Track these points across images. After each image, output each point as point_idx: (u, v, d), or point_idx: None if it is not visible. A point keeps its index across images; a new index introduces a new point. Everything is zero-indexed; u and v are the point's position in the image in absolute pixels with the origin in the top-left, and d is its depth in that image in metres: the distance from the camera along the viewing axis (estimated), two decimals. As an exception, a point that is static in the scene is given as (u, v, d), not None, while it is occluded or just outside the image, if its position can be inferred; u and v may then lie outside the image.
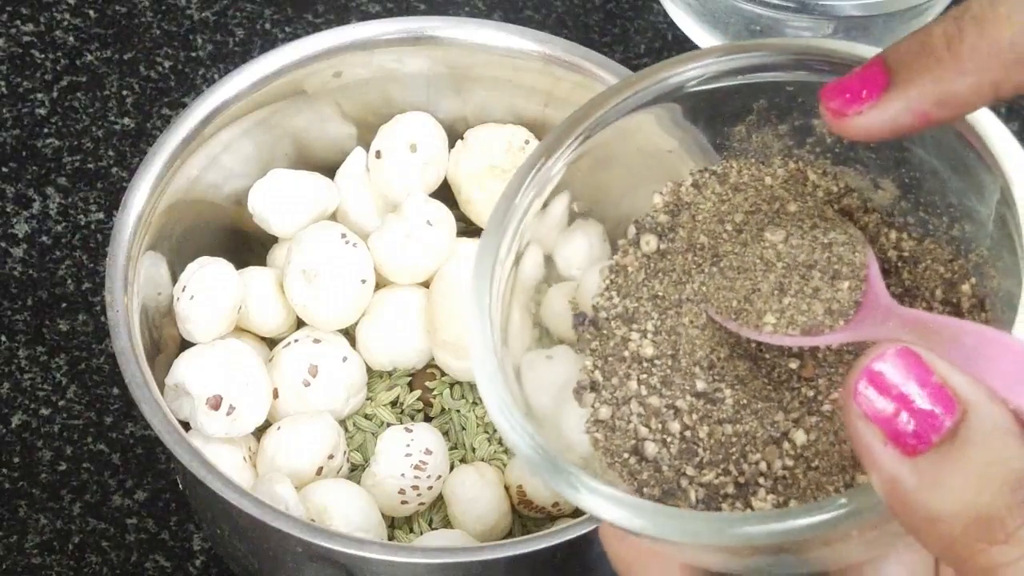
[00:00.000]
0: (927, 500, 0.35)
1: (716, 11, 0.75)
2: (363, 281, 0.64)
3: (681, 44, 0.79)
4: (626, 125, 0.47)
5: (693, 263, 0.46)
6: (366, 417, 0.65)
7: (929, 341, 0.39)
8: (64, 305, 0.72)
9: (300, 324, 0.66)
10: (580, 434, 0.46)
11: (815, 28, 0.75)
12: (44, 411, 0.70)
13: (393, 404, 0.66)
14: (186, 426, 0.61)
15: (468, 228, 0.67)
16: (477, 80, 0.67)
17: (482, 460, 0.64)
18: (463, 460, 0.65)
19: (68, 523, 0.67)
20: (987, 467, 0.35)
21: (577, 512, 0.61)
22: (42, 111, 0.77)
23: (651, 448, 0.44)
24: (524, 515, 0.64)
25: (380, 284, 0.65)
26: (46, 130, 0.77)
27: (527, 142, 0.66)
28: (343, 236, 0.64)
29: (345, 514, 0.60)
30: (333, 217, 0.67)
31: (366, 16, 0.79)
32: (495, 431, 0.65)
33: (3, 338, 0.71)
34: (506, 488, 0.63)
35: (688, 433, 0.45)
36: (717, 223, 0.47)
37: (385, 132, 0.66)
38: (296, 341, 0.64)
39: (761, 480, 0.43)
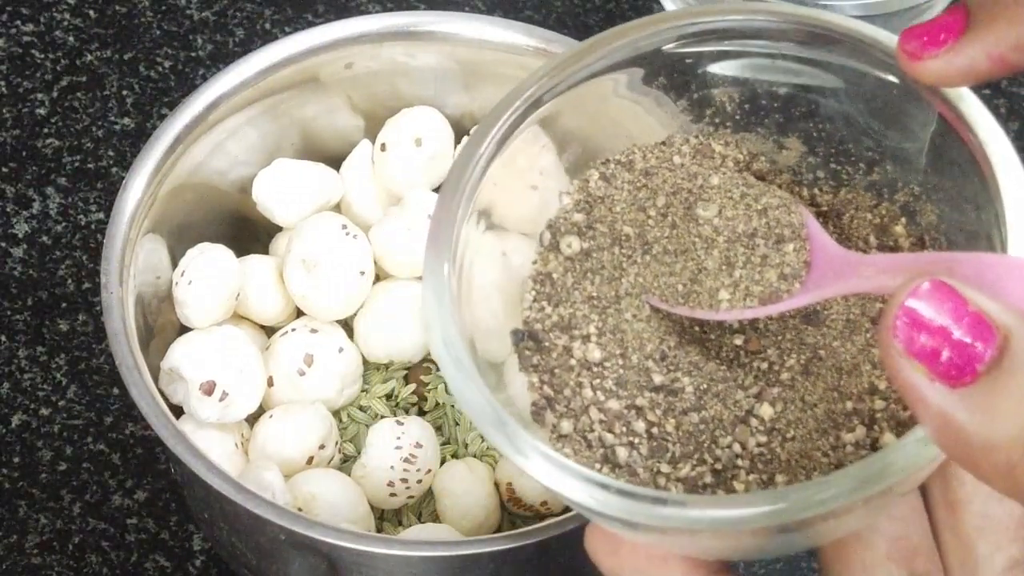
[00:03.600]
0: (981, 430, 0.34)
1: (716, 11, 0.75)
2: (362, 273, 0.64)
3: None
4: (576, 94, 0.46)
5: (623, 256, 0.45)
6: (360, 409, 0.65)
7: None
8: (64, 305, 0.72)
9: (299, 314, 0.66)
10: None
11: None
12: (44, 411, 0.70)
13: (388, 397, 0.66)
14: (180, 412, 0.62)
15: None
16: (486, 76, 0.67)
17: (474, 456, 0.64)
18: (455, 455, 0.65)
19: (68, 523, 0.67)
20: None
21: (566, 510, 0.61)
22: (42, 111, 0.77)
23: (622, 453, 0.43)
24: (513, 513, 0.64)
25: (380, 277, 0.66)
26: (46, 130, 0.77)
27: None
28: (344, 227, 0.64)
29: (332, 504, 0.60)
30: (337, 208, 0.67)
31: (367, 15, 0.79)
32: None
33: (3, 338, 0.71)
34: (496, 485, 0.63)
35: (655, 430, 0.43)
36: (638, 211, 0.45)
37: (391, 125, 0.66)
38: (293, 330, 0.64)
39: (739, 462, 0.42)
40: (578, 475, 0.40)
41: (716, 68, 0.46)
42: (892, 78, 0.43)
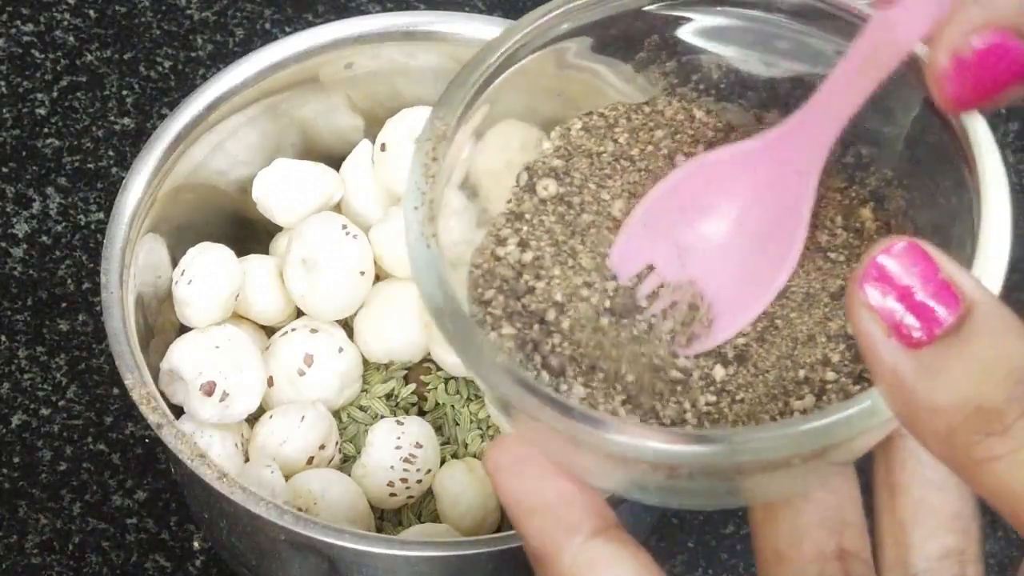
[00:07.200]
0: (927, 391, 0.35)
1: (716, 11, 0.75)
2: (362, 273, 0.64)
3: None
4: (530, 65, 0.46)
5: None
6: (360, 409, 0.65)
7: None
8: (64, 305, 0.72)
9: (299, 314, 0.66)
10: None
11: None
12: (44, 411, 0.70)
13: (388, 397, 0.66)
14: (180, 412, 0.62)
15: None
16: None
17: (473, 456, 0.64)
18: (455, 455, 0.65)
19: (68, 523, 0.67)
20: (989, 361, 0.35)
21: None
22: (42, 111, 0.77)
23: (579, 391, 0.43)
24: (512, 513, 0.64)
25: (380, 277, 0.66)
26: (46, 130, 0.77)
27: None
28: (344, 227, 0.64)
29: (332, 504, 0.61)
30: (337, 208, 0.67)
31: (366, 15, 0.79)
32: (488, 427, 0.65)
33: (3, 338, 0.71)
34: (495, 485, 0.63)
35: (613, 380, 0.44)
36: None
37: (391, 125, 0.66)
38: (293, 330, 0.64)
39: (687, 417, 0.43)
40: (530, 388, 0.40)
41: (704, 34, 0.46)
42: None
